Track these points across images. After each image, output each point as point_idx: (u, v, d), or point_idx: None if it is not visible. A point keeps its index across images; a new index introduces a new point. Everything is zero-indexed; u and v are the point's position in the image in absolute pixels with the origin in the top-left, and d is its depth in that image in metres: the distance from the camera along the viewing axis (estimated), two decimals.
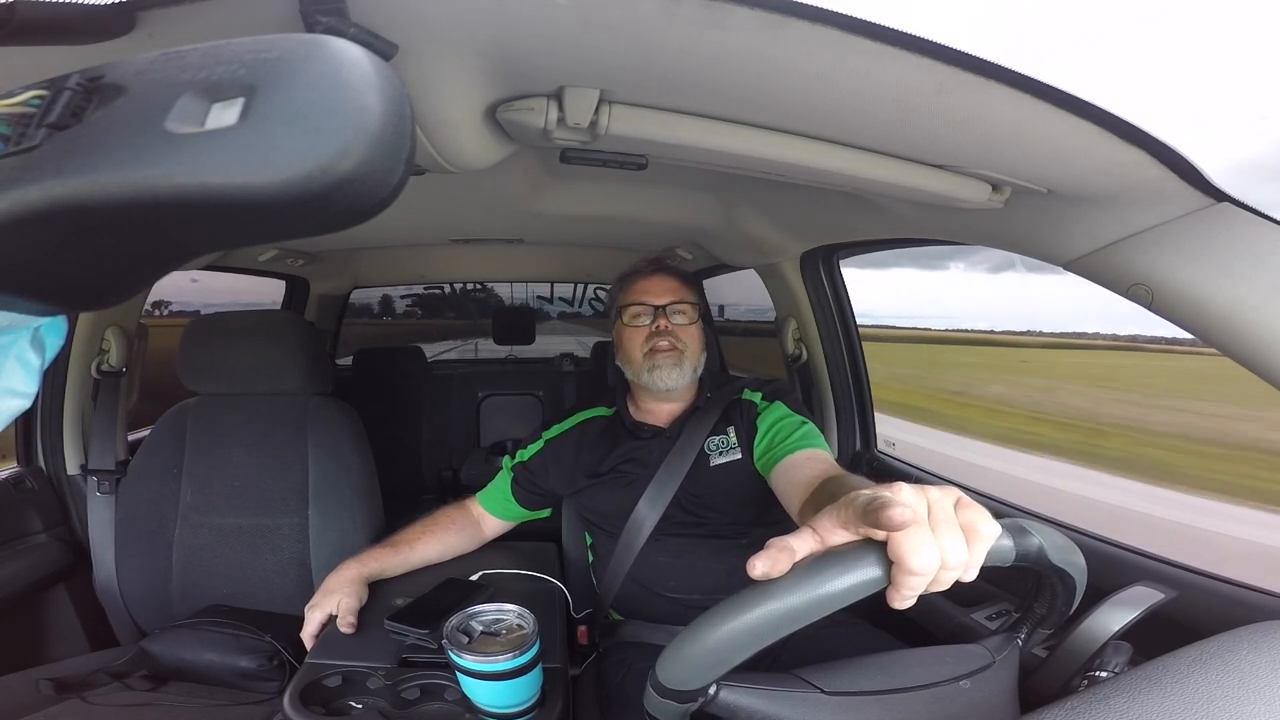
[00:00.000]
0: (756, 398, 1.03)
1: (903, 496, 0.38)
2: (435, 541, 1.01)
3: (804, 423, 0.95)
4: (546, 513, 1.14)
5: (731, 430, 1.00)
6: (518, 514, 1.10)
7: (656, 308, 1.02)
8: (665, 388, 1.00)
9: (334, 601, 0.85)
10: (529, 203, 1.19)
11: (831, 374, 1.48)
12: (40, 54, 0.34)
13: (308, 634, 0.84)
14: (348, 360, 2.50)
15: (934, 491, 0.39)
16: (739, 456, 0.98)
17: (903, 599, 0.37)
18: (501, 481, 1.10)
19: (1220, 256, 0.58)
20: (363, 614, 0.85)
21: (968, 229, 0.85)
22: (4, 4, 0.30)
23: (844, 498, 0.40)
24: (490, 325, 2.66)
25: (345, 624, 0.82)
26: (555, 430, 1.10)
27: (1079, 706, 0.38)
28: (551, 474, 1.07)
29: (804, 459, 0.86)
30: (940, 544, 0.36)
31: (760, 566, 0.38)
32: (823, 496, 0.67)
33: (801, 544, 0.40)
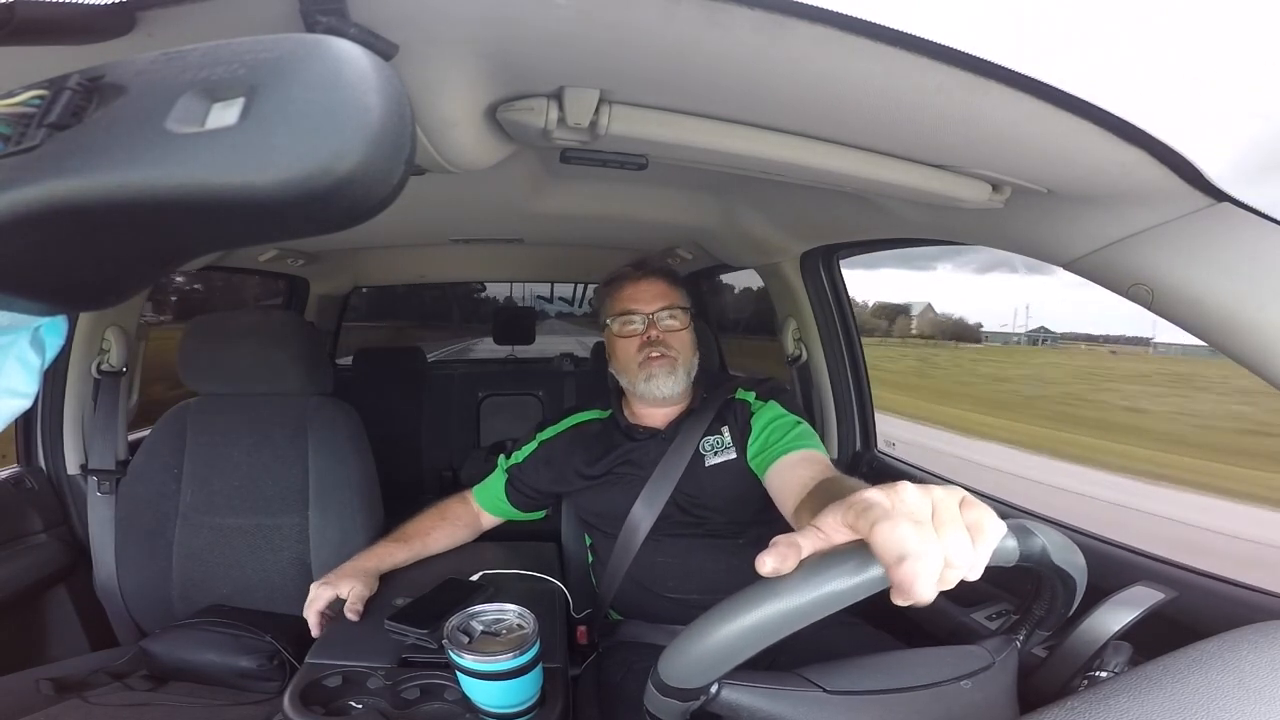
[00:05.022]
0: (750, 397, 1.03)
1: (906, 495, 0.38)
2: (444, 537, 1.05)
3: (798, 423, 0.95)
4: (541, 515, 1.15)
5: (726, 430, 1.00)
6: (512, 514, 1.11)
7: (647, 315, 1.02)
8: (661, 396, 1.01)
9: (347, 586, 0.85)
10: (529, 203, 1.18)
11: (831, 374, 1.48)
12: (40, 54, 0.34)
13: (314, 610, 0.85)
14: (348, 360, 2.50)
15: (938, 491, 0.39)
16: (734, 456, 0.98)
17: (906, 597, 0.37)
18: (495, 482, 1.11)
19: (1220, 256, 0.58)
20: (364, 611, 0.85)
21: (968, 229, 0.84)
22: (4, 4, 0.30)
23: (849, 498, 0.40)
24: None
25: (352, 611, 0.83)
26: (549, 432, 1.11)
27: (1079, 706, 0.38)
28: (543, 474, 1.07)
29: (799, 460, 0.86)
30: (944, 543, 0.36)
31: (770, 563, 0.38)
32: (820, 498, 0.67)
33: (807, 542, 0.40)
